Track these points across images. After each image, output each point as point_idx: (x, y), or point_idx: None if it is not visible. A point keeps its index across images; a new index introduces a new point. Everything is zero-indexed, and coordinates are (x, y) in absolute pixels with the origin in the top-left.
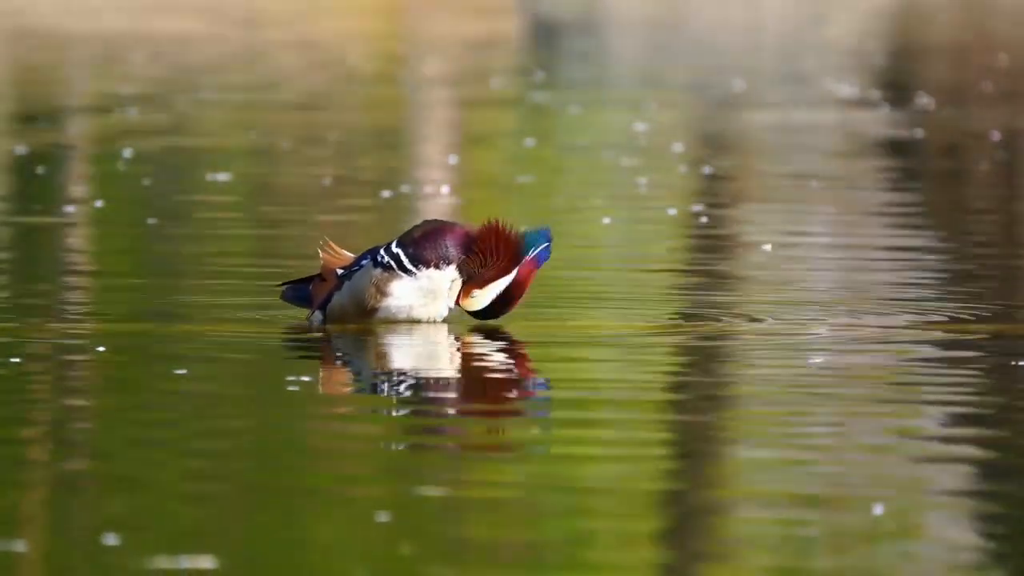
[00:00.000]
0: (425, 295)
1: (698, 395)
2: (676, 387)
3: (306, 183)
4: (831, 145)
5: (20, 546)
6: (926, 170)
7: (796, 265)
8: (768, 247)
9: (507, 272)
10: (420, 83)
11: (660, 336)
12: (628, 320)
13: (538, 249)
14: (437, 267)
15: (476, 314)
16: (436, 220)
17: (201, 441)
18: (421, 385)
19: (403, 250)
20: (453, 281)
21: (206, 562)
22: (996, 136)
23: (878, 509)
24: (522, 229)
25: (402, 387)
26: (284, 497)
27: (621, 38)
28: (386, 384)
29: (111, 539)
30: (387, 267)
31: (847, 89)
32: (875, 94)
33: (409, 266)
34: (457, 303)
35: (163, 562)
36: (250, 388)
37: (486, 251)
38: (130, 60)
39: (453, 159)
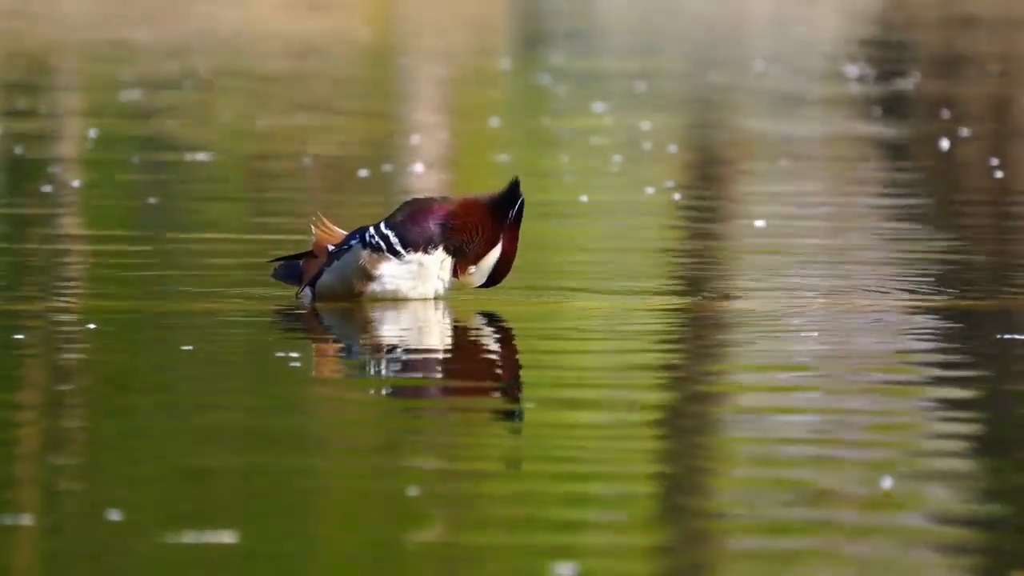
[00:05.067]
0: (414, 277)
1: (688, 372)
2: (665, 364)
3: (288, 162)
4: (817, 126)
5: (26, 520)
6: (915, 150)
7: (783, 241)
8: (762, 223)
9: (495, 243)
10: (404, 63)
11: (648, 313)
12: (614, 297)
13: (515, 209)
14: (425, 250)
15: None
16: (420, 199)
17: (197, 418)
18: (411, 362)
19: (392, 231)
20: (443, 260)
21: (213, 536)
22: (948, 115)
23: (887, 483)
24: (492, 192)
25: (394, 364)
26: (286, 472)
27: (609, 23)
28: (379, 361)
29: (114, 515)
30: (376, 248)
31: (835, 69)
32: (864, 75)
33: (399, 248)
34: (455, 277)
35: (168, 537)
36: (243, 365)
37: (465, 229)
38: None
39: (429, 139)
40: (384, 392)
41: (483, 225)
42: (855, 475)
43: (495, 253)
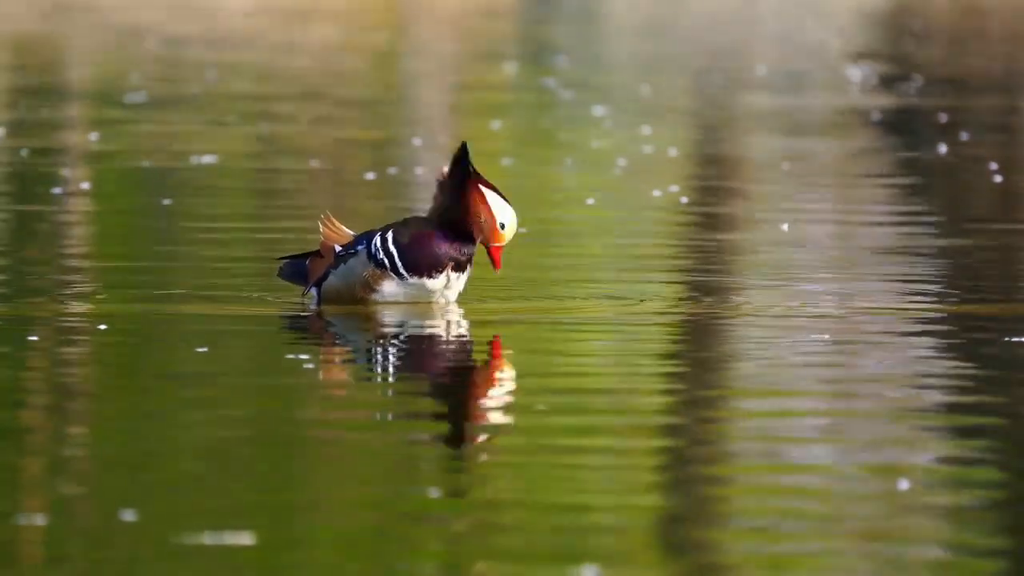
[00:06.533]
0: (416, 297)
1: (695, 374)
2: (673, 367)
3: (294, 165)
4: (818, 131)
5: (41, 520)
6: (916, 153)
7: (790, 246)
8: (785, 226)
9: (477, 207)
10: (410, 67)
11: (657, 316)
12: (627, 301)
13: (466, 169)
14: (430, 276)
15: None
16: (423, 219)
17: (210, 421)
18: (416, 367)
19: (398, 251)
20: (447, 283)
21: (229, 538)
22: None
23: (903, 484)
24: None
25: (400, 371)
26: (298, 472)
27: (615, 26)
28: (383, 363)
29: (129, 515)
30: (380, 264)
31: (839, 73)
32: (867, 78)
33: (403, 271)
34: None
35: (185, 537)
36: (254, 367)
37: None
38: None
39: (433, 142)
40: (390, 397)
41: (475, 214)
42: (866, 478)
43: (488, 209)
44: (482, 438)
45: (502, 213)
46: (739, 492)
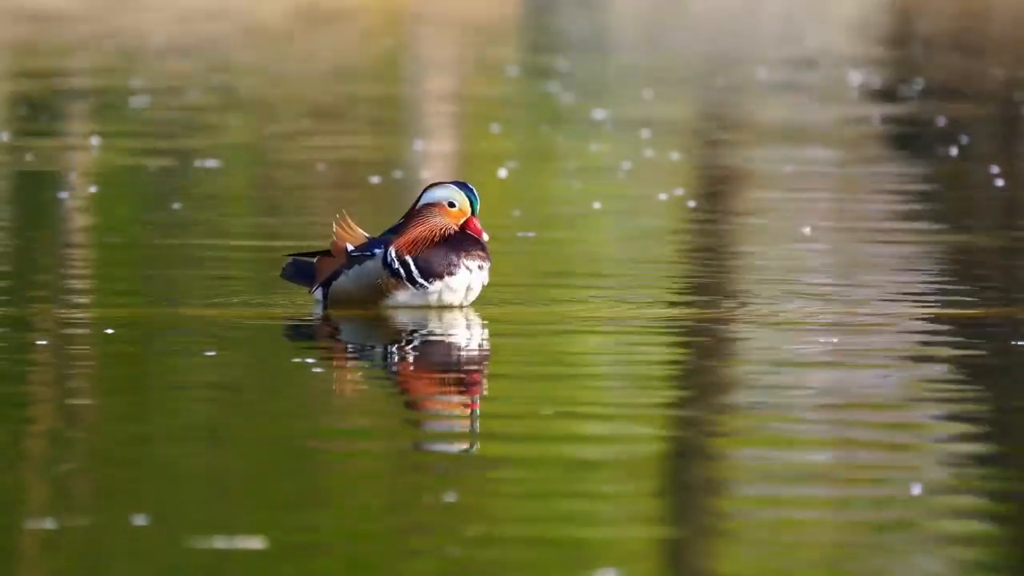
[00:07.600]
0: (432, 304)
1: (701, 378)
2: (679, 370)
3: (300, 169)
4: (821, 131)
5: (54, 524)
6: (923, 156)
7: (795, 250)
8: (807, 230)
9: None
10: (417, 68)
11: (664, 319)
12: (635, 304)
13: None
14: (450, 274)
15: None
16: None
17: (220, 424)
18: (419, 370)
19: (413, 260)
20: (469, 283)
21: (240, 542)
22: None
23: (916, 489)
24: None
25: (403, 375)
26: (306, 477)
27: (619, 29)
28: (390, 369)
29: (141, 519)
30: (395, 274)
31: (840, 76)
32: (867, 81)
33: (419, 280)
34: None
35: (195, 541)
36: (259, 371)
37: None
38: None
39: (437, 146)
40: (396, 403)
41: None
42: (869, 485)
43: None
44: (488, 445)
45: (443, 195)
46: (741, 487)
